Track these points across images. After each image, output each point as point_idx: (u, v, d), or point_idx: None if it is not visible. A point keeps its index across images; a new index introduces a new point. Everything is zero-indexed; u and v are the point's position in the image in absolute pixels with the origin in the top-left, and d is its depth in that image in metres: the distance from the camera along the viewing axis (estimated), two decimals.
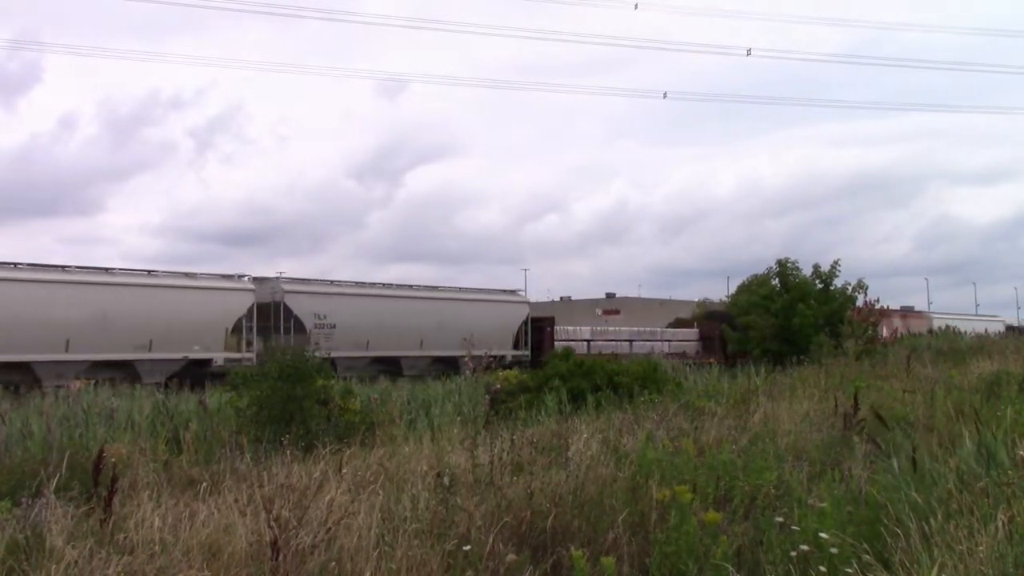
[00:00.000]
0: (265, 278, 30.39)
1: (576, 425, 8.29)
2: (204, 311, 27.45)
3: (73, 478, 6.33)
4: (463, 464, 6.13)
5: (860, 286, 30.28)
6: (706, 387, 16.12)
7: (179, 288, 27.73)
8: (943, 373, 13.57)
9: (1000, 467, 5.29)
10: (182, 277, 28.64)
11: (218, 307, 28.06)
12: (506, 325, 35.52)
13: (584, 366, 16.12)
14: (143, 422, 12.41)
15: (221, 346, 27.97)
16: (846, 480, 5.57)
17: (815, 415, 9.34)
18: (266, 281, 30.16)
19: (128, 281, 26.84)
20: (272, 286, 29.90)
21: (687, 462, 5.96)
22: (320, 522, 4.64)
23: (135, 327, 25.63)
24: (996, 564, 3.92)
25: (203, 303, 27.68)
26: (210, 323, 27.53)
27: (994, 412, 7.91)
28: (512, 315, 36.48)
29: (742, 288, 35.47)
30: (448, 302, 34.47)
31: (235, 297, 28.98)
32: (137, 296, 26.34)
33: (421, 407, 14.03)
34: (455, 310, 33.84)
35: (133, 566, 4.33)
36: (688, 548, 4.36)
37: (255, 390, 11.44)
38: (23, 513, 5.28)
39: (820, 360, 21.39)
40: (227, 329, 28.21)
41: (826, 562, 4.15)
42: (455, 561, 4.44)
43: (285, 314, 29.41)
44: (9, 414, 12.54)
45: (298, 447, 8.09)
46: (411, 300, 33.45)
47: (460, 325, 32.58)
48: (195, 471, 7.76)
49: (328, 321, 30.07)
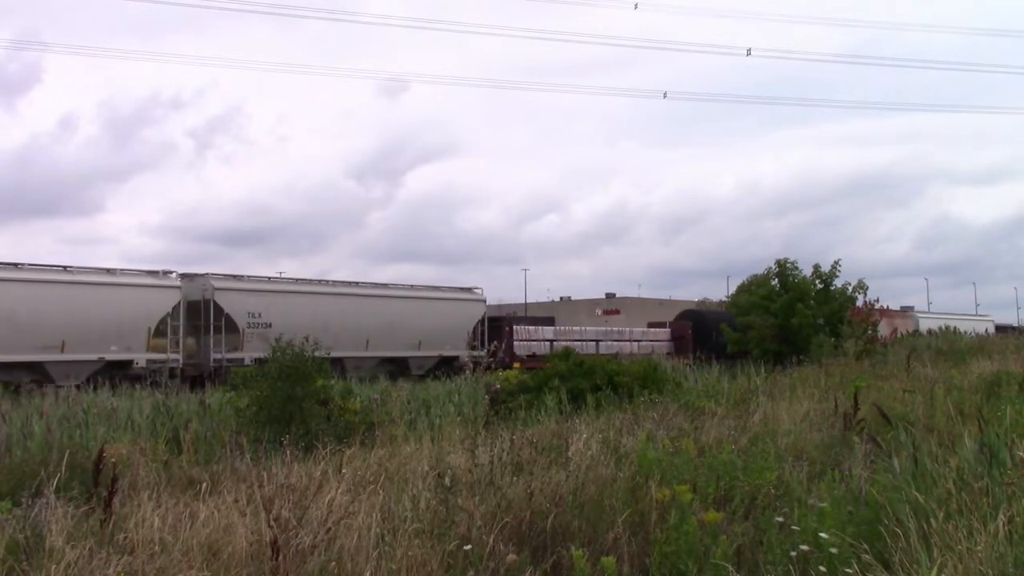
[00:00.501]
0: (194, 274, 29.03)
1: (576, 425, 8.28)
2: (124, 309, 25.96)
3: (73, 478, 6.33)
4: (463, 464, 6.12)
5: (860, 286, 30.28)
6: (706, 387, 16.13)
7: (96, 285, 25.94)
8: (943, 373, 13.56)
9: (1002, 466, 5.29)
10: (101, 273, 26.85)
11: (140, 305, 26.47)
12: (460, 324, 34.17)
13: (584, 366, 16.13)
14: (143, 422, 12.42)
15: (143, 346, 26.51)
16: (846, 480, 5.57)
17: (815, 415, 9.34)
18: (196, 278, 28.76)
19: (39, 277, 25.28)
20: (202, 283, 28.45)
21: (687, 462, 5.96)
22: (320, 522, 4.64)
23: (45, 326, 24.22)
24: (996, 564, 3.92)
25: (123, 301, 26.09)
26: (130, 322, 26.00)
27: (994, 412, 7.91)
28: (467, 314, 34.94)
29: (742, 288, 35.46)
30: (397, 300, 33.03)
31: (158, 294, 27.33)
32: (49, 293, 24.76)
33: (421, 407, 14.03)
34: (405, 309, 32.57)
35: (133, 566, 4.33)
36: (688, 548, 4.36)
37: (255, 390, 11.45)
38: (23, 513, 5.29)
39: (820, 360, 21.39)
40: (150, 329, 26.74)
41: (826, 562, 4.15)
42: (455, 561, 4.44)
43: (216, 312, 27.83)
44: (10, 414, 12.55)
45: (298, 447, 8.09)
46: (356, 298, 31.74)
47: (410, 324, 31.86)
48: (195, 471, 7.76)
49: (263, 320, 28.60)
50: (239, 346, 28.17)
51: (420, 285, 35.99)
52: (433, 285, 36.65)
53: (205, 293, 28.09)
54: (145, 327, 26.54)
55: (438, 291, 35.65)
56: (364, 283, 33.80)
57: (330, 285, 32.55)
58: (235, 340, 28.21)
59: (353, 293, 32.04)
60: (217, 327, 27.84)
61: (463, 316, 34.67)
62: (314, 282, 32.44)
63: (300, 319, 28.14)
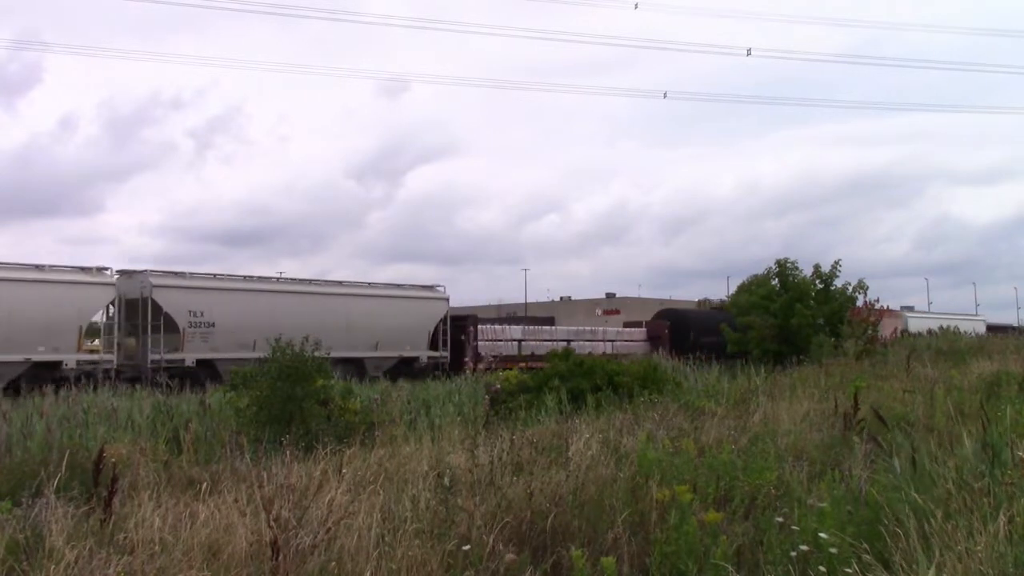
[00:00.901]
0: (132, 271, 27.66)
1: (576, 425, 8.28)
2: (53, 308, 24.48)
3: (73, 478, 6.33)
4: (463, 464, 6.13)
5: (860, 286, 30.28)
6: (706, 387, 16.13)
7: (22, 282, 24.51)
8: (943, 373, 13.56)
9: (1003, 466, 5.29)
10: (29, 270, 25.30)
11: (70, 303, 24.90)
12: (420, 324, 32.63)
13: (584, 366, 16.14)
14: (143, 422, 12.43)
15: (73, 346, 25.05)
16: (846, 480, 5.57)
17: (815, 415, 9.34)
18: (134, 275, 27.31)
19: None
20: (140, 280, 26.96)
21: (687, 462, 5.96)
22: (320, 522, 4.64)
23: None
24: (996, 564, 3.92)
25: (52, 299, 24.58)
26: (59, 321, 24.53)
27: (995, 412, 7.91)
28: (427, 313, 33.30)
29: (742, 288, 35.46)
30: (353, 299, 31.45)
31: (91, 292, 25.83)
32: None
33: (421, 407, 14.04)
34: (360, 307, 31.04)
35: (133, 566, 4.33)
36: (688, 548, 4.36)
37: (255, 390, 11.46)
38: (23, 513, 5.28)
39: (820, 360, 21.40)
40: (81, 328, 25.31)
41: (826, 562, 4.15)
42: (455, 561, 4.44)
43: (154, 311, 26.41)
44: (10, 414, 12.55)
45: (298, 447, 8.09)
46: (308, 296, 30.24)
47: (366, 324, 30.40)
48: (195, 471, 7.77)
49: (205, 319, 27.20)
50: (179, 346, 26.83)
51: (379, 283, 34.48)
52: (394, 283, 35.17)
53: (143, 291, 26.71)
54: (75, 326, 25.11)
55: (397, 289, 34.16)
56: (319, 281, 32.56)
57: (281, 283, 31.21)
58: (175, 340, 26.75)
59: (306, 291, 30.64)
60: (156, 326, 26.39)
61: (423, 315, 33.07)
62: (263, 280, 30.90)
63: (247, 319, 27.46)
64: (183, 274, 28.77)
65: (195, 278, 28.69)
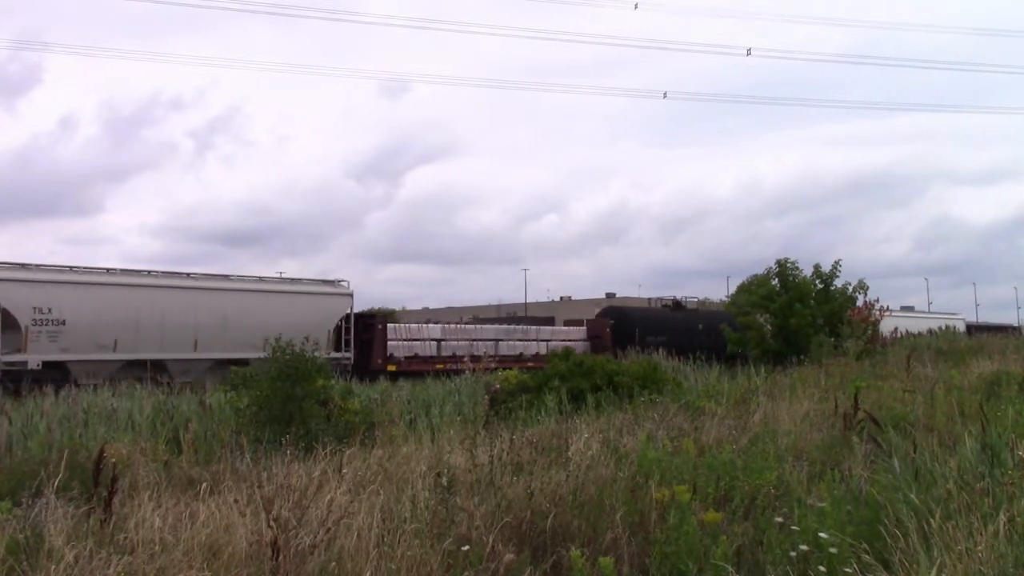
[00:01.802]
0: None
1: (576, 425, 8.28)
2: None
3: (73, 478, 6.33)
4: (463, 464, 6.13)
5: (861, 286, 30.26)
6: (706, 387, 16.14)
7: None
8: (943, 373, 13.56)
9: (1003, 467, 5.29)
10: None
11: None
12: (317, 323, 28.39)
13: (584, 366, 16.13)
14: (143, 422, 12.43)
15: None
16: (846, 480, 5.57)
17: (815, 415, 9.34)
18: None
19: None
20: None
21: (687, 462, 5.96)
22: (320, 522, 4.64)
23: None
24: (996, 564, 3.92)
25: None
26: None
27: (995, 412, 7.91)
28: (326, 310, 29.86)
29: (742, 288, 35.41)
30: (235, 293, 28.34)
31: None
32: None
33: (421, 407, 14.04)
34: (242, 303, 28.00)
35: (133, 566, 4.33)
36: (688, 548, 4.36)
37: (255, 390, 11.46)
38: (23, 513, 5.29)
39: (820, 360, 21.39)
40: None
41: (826, 562, 4.15)
42: (455, 561, 4.44)
43: None
44: (11, 413, 12.56)
45: (298, 447, 8.10)
46: (180, 291, 27.18)
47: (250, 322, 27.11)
48: (195, 471, 7.77)
49: (54, 317, 24.35)
50: (22, 347, 24.11)
51: (270, 277, 30.89)
52: (289, 277, 31.53)
53: None
54: None
55: (290, 283, 30.61)
56: (196, 274, 29.31)
57: (145, 276, 27.81)
58: (17, 340, 23.92)
59: (175, 285, 27.58)
60: None
61: (321, 313, 29.48)
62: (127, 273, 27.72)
63: (104, 316, 25.00)
64: (28, 266, 25.61)
65: (42, 271, 25.55)
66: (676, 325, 38.32)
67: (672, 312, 42.09)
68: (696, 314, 42.14)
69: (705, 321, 39.38)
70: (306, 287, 30.54)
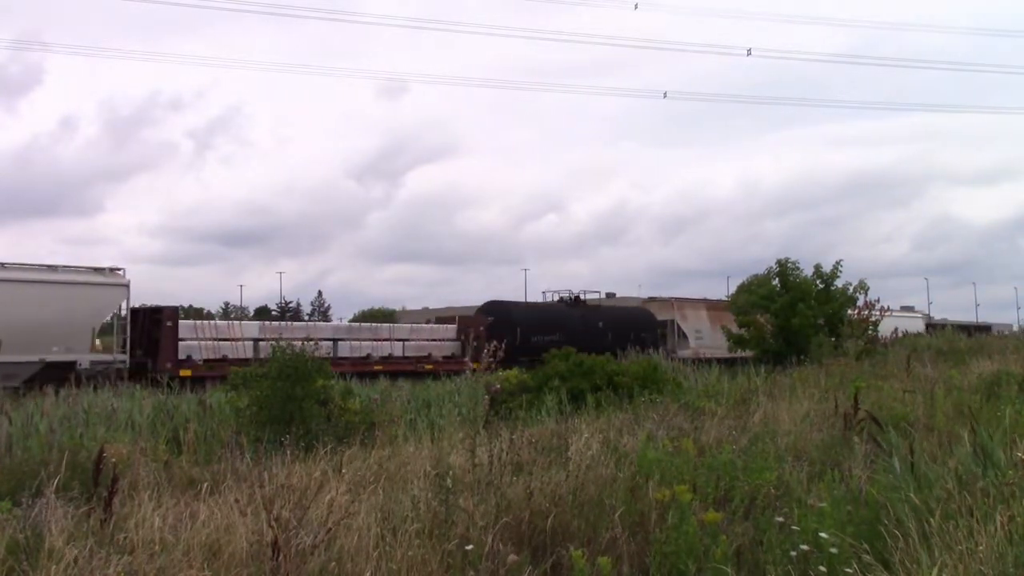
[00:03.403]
0: None
1: (576, 425, 8.28)
2: None
3: (73, 478, 6.34)
4: (463, 464, 6.13)
5: (861, 286, 30.27)
6: (706, 387, 16.15)
7: None
8: (943, 373, 13.57)
9: (997, 468, 5.29)
10: None
11: None
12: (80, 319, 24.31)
13: (584, 366, 16.14)
14: (143, 422, 12.43)
15: None
16: (846, 480, 5.57)
17: (815, 415, 9.34)
18: None
19: None
20: None
21: (687, 462, 5.96)
22: (320, 522, 4.64)
23: None
24: (996, 564, 3.92)
25: None
26: None
27: (994, 412, 7.91)
28: (93, 304, 24.93)
29: (742, 288, 35.42)
30: None
31: None
32: None
33: (421, 407, 14.05)
34: None
35: (133, 566, 4.33)
36: (688, 548, 4.36)
37: (255, 390, 11.45)
38: (23, 513, 5.28)
39: (820, 360, 21.39)
40: None
41: (826, 562, 4.15)
42: (455, 561, 4.44)
43: None
44: (11, 413, 12.56)
45: (298, 447, 8.10)
46: None
47: None
48: (195, 471, 7.78)
49: None
50: None
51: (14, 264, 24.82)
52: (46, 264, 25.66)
53: None
54: None
55: (46, 271, 25.02)
56: None
57: None
58: None
59: None
60: None
61: (86, 307, 24.68)
62: None
63: None
64: None
65: None
66: (571, 324, 33.96)
67: (568, 309, 36.89)
68: (598, 311, 37.16)
69: (609, 319, 35.58)
70: (65, 275, 25.11)
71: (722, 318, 37.55)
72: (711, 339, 37.91)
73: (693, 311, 40.66)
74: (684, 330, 39.27)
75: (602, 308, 38.35)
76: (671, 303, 40.82)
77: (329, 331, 30.78)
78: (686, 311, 40.39)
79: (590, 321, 35.05)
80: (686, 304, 41.33)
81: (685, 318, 39.87)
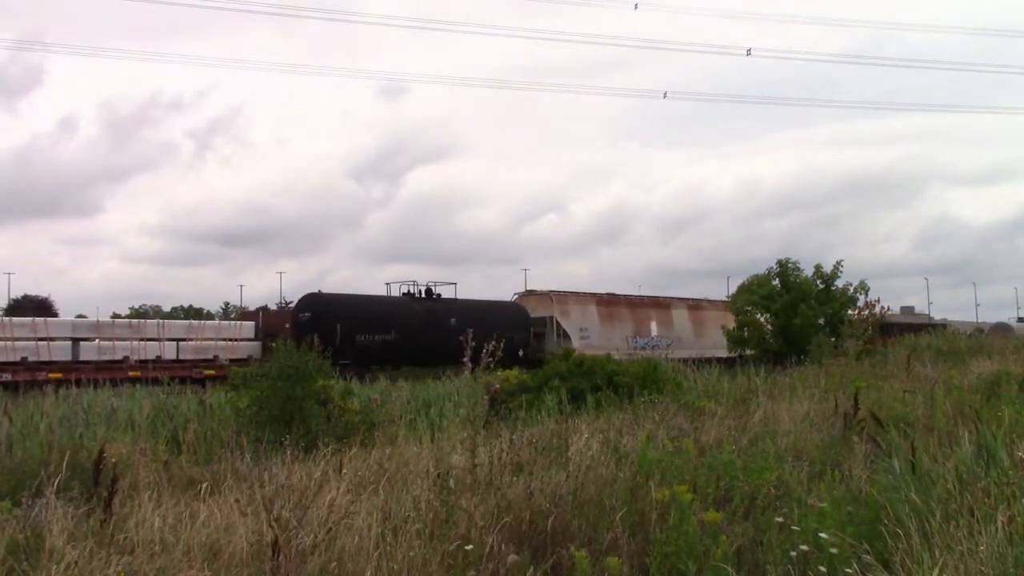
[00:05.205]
0: None
1: (576, 425, 8.28)
2: None
3: (73, 478, 6.33)
4: (463, 464, 6.12)
5: (862, 287, 30.31)
6: (706, 387, 16.15)
7: None
8: (943, 373, 13.57)
9: (999, 467, 5.29)
10: None
11: None
12: None
13: (584, 366, 16.13)
14: (143, 422, 12.42)
15: None
16: (846, 480, 5.57)
17: (815, 415, 9.34)
18: None
19: None
20: None
21: (687, 462, 5.96)
22: (320, 522, 4.64)
23: None
24: (996, 564, 3.92)
25: None
26: None
27: (994, 412, 7.91)
28: None
29: (742, 288, 35.44)
30: None
31: None
32: None
33: (421, 407, 14.05)
34: None
35: (133, 566, 4.33)
36: (688, 548, 4.36)
37: (255, 390, 11.45)
38: (23, 513, 5.29)
39: (820, 360, 21.40)
40: None
41: (826, 562, 4.15)
42: (455, 561, 4.44)
43: None
44: (11, 413, 12.55)
45: (298, 447, 8.10)
46: None
47: None
48: (195, 471, 7.76)
49: None
50: None
51: None
52: None
53: None
54: None
55: None
56: None
57: None
58: None
59: None
60: None
61: None
62: None
63: None
64: None
65: None
66: (411, 321, 29.86)
67: (410, 303, 31.60)
68: (451, 306, 31.91)
69: (464, 316, 29.91)
70: None
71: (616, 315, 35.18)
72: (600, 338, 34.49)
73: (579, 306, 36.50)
74: (565, 328, 34.93)
75: (458, 303, 32.89)
76: (549, 297, 36.40)
77: (67, 328, 26.56)
78: (569, 306, 36.17)
79: (438, 318, 30.25)
80: (570, 298, 36.94)
81: (567, 314, 35.66)
